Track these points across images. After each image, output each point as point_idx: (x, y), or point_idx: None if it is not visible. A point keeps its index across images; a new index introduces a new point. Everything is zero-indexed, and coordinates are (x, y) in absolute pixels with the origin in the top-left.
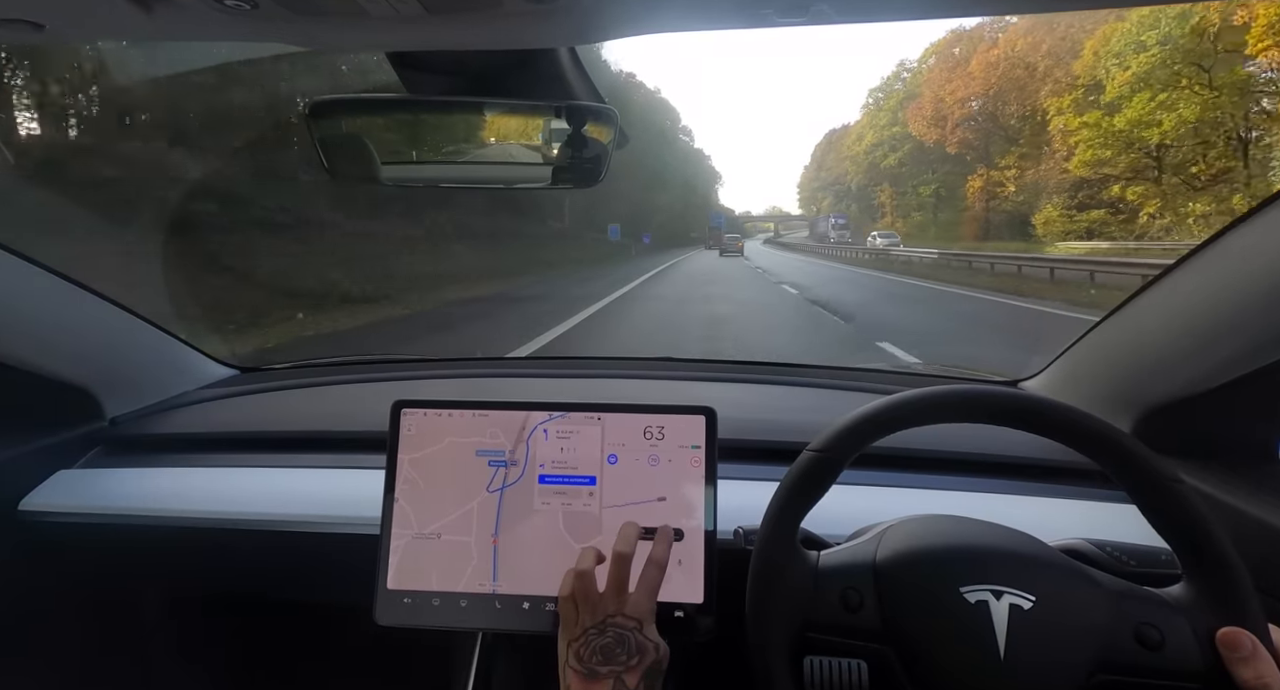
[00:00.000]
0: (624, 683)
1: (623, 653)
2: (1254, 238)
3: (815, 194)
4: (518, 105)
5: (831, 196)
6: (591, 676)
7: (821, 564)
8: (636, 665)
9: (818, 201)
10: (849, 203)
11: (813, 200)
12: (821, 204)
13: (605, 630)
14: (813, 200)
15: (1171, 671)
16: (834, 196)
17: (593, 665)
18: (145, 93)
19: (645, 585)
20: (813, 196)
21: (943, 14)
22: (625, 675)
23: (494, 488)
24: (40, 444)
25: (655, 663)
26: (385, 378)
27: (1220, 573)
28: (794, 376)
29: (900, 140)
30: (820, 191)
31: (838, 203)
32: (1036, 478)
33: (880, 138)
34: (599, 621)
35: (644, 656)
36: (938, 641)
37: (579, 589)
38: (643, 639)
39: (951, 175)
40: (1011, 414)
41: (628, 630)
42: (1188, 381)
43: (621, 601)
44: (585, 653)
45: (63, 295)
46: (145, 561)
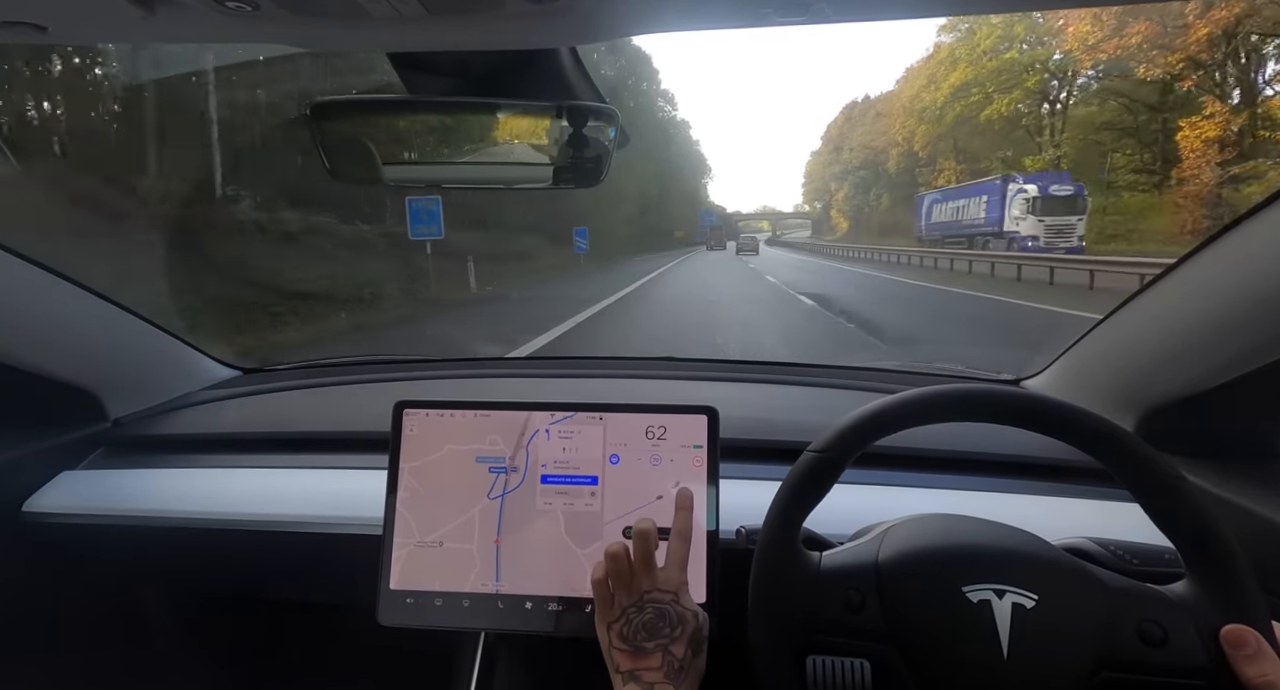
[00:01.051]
0: (672, 653)
1: (665, 625)
2: (1256, 235)
3: (828, 184)
4: (519, 105)
5: (852, 184)
6: (639, 652)
7: (824, 564)
8: (680, 635)
9: (830, 193)
10: (878, 192)
11: (823, 192)
12: (836, 195)
13: (644, 607)
14: (823, 192)
15: (1175, 669)
16: (855, 184)
17: (639, 642)
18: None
19: (674, 558)
20: (824, 187)
21: (943, 12)
22: (672, 646)
23: (494, 494)
24: (44, 445)
25: (697, 630)
26: (387, 378)
27: (1223, 570)
28: (795, 376)
29: (1015, 73)
30: (837, 179)
31: (859, 193)
32: (1039, 476)
33: (973, 76)
34: (636, 600)
35: (685, 626)
36: (940, 641)
37: (612, 569)
38: (682, 609)
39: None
40: (1013, 413)
41: (665, 603)
42: (1190, 379)
43: (653, 577)
44: (629, 631)
45: (65, 297)
46: (149, 562)
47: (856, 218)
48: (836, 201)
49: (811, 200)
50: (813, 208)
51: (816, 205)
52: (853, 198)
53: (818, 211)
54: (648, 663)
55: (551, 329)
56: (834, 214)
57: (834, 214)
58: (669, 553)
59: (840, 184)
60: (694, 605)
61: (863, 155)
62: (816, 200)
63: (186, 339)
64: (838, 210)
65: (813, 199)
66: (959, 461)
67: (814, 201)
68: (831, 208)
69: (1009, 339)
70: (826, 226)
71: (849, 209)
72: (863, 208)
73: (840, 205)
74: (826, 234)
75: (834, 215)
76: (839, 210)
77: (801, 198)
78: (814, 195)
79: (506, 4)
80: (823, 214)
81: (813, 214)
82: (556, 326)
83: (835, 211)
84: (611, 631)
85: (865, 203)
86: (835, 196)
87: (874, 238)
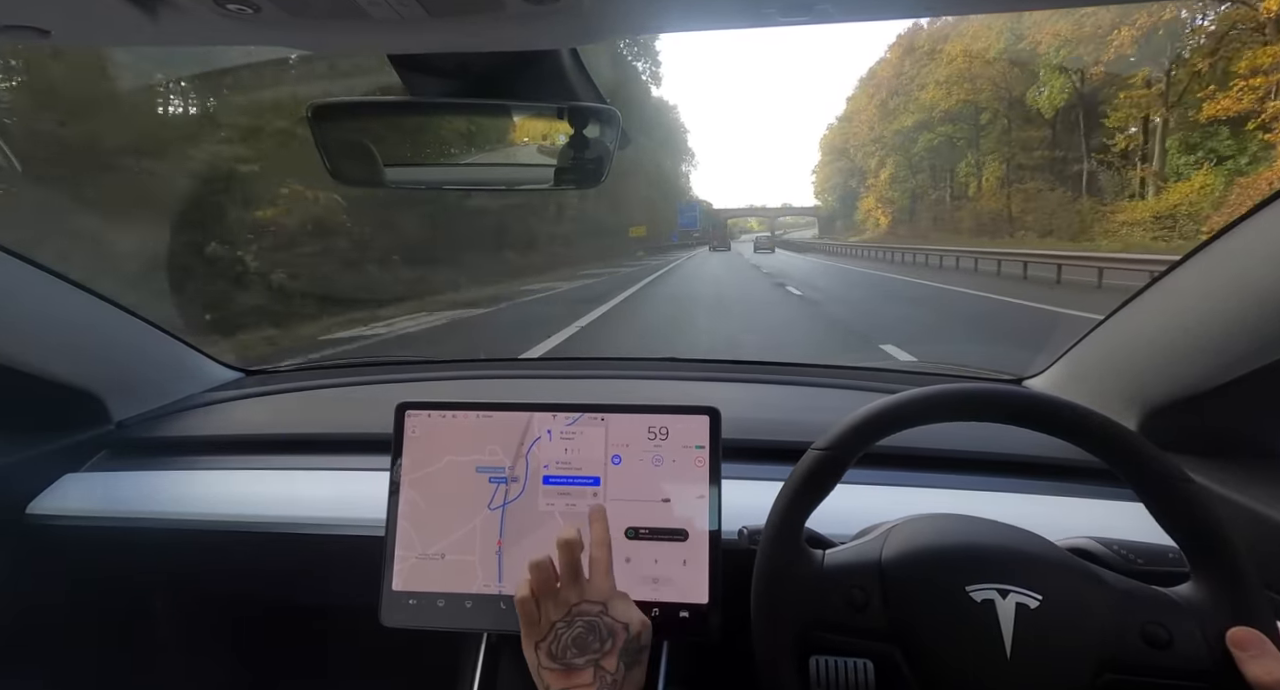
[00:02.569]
0: (604, 668)
1: (595, 640)
2: (1259, 233)
3: (859, 166)
4: (520, 107)
5: (906, 158)
6: (570, 670)
7: (827, 563)
8: (611, 648)
9: (866, 175)
10: (978, 159)
11: (842, 182)
12: (877, 175)
13: (572, 622)
14: (842, 182)
15: (1179, 671)
16: (929, 152)
17: (568, 659)
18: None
19: (598, 567)
20: (847, 171)
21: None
22: (603, 661)
23: (495, 505)
24: (47, 447)
25: (631, 640)
26: (389, 379)
27: (1228, 572)
28: (797, 376)
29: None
30: (880, 152)
31: (926, 168)
32: (1042, 476)
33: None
34: (564, 614)
35: (616, 638)
36: (944, 640)
37: (538, 582)
38: (611, 621)
39: None
40: (1017, 412)
41: (594, 615)
42: (1194, 378)
43: (580, 588)
44: (557, 649)
45: (67, 299)
46: (152, 564)
47: (917, 208)
48: (877, 185)
49: (826, 192)
50: (825, 203)
51: (831, 199)
52: (907, 179)
53: (833, 205)
54: (579, 680)
55: None
56: (867, 204)
57: (867, 204)
58: (592, 562)
59: (884, 158)
60: (627, 615)
61: (943, 103)
62: (832, 192)
63: (189, 341)
64: (876, 198)
65: (827, 190)
66: (962, 461)
67: (828, 194)
68: (864, 195)
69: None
70: (847, 224)
71: (900, 194)
72: (928, 192)
73: (883, 190)
74: (849, 233)
75: (867, 207)
76: (879, 199)
77: (813, 187)
78: (831, 186)
79: (506, 5)
80: (842, 207)
81: (824, 209)
82: None
83: (873, 200)
84: (540, 651)
85: (942, 181)
86: (876, 179)
87: (966, 239)
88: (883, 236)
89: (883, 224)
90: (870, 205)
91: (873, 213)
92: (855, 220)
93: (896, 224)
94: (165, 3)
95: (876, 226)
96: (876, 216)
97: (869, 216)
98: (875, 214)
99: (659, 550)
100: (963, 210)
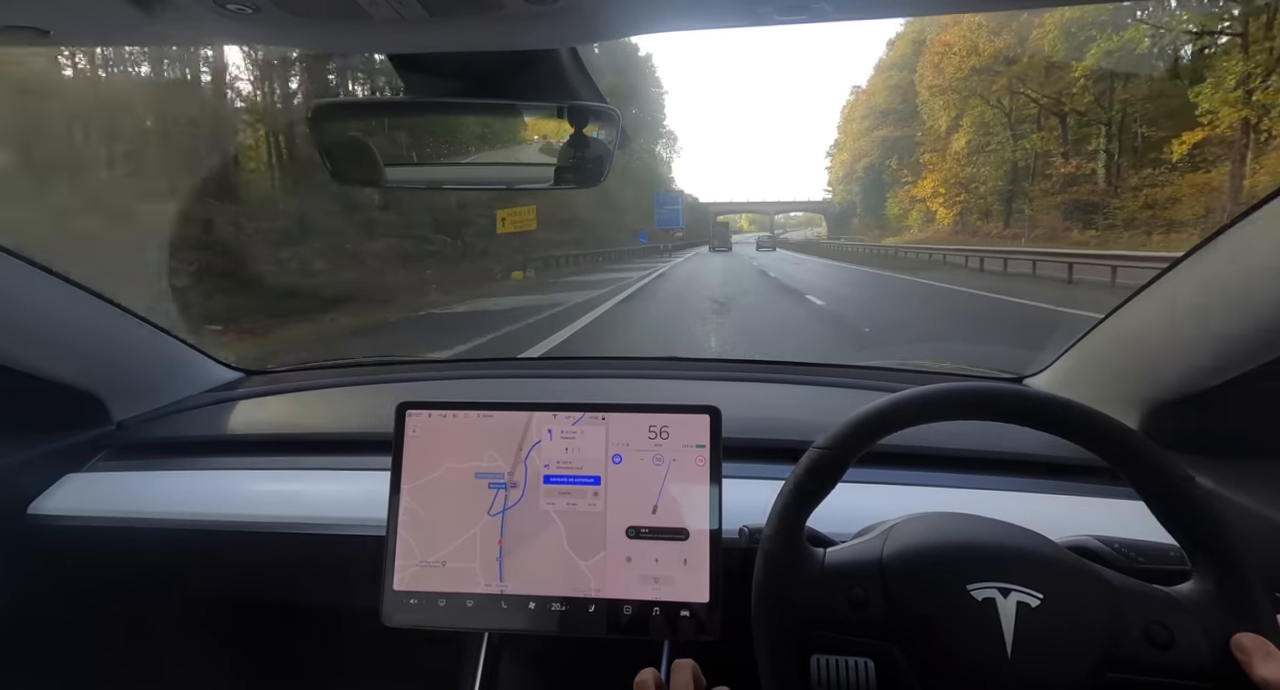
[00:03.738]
0: None
1: None
2: (1260, 231)
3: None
4: (520, 106)
5: (977, 121)
6: None
7: (827, 562)
8: None
9: (934, 144)
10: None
11: (869, 167)
12: (951, 146)
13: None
14: (869, 167)
15: (1180, 670)
16: (992, 119)
17: None
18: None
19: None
20: (874, 149)
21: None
22: None
23: (495, 511)
24: (48, 448)
25: None
26: (389, 380)
27: (1230, 571)
28: (798, 375)
29: None
30: (957, 108)
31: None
32: (1043, 475)
33: None
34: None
35: None
36: (945, 639)
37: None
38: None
39: None
40: (1017, 411)
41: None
42: (1195, 377)
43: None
44: None
45: (68, 300)
46: (153, 564)
47: (1013, 196)
48: (949, 160)
49: (849, 181)
50: (839, 195)
51: (851, 190)
52: (1000, 147)
53: (852, 198)
54: None
55: None
56: (923, 188)
57: (923, 188)
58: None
59: (957, 115)
60: None
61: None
62: (854, 182)
63: (189, 341)
64: (940, 181)
65: (850, 179)
66: (963, 460)
67: (849, 184)
68: (908, 182)
69: None
70: (870, 221)
71: (990, 170)
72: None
73: (952, 168)
74: (874, 232)
75: (921, 193)
76: (946, 181)
77: (829, 174)
78: (854, 172)
79: (506, 6)
80: (868, 199)
81: (838, 202)
82: None
83: (931, 183)
84: None
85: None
86: (949, 151)
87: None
88: (942, 237)
89: (941, 220)
90: (926, 190)
91: (926, 204)
92: (885, 216)
93: (965, 219)
94: (164, 2)
95: (929, 223)
96: (932, 209)
97: (914, 209)
98: (931, 204)
99: (659, 549)
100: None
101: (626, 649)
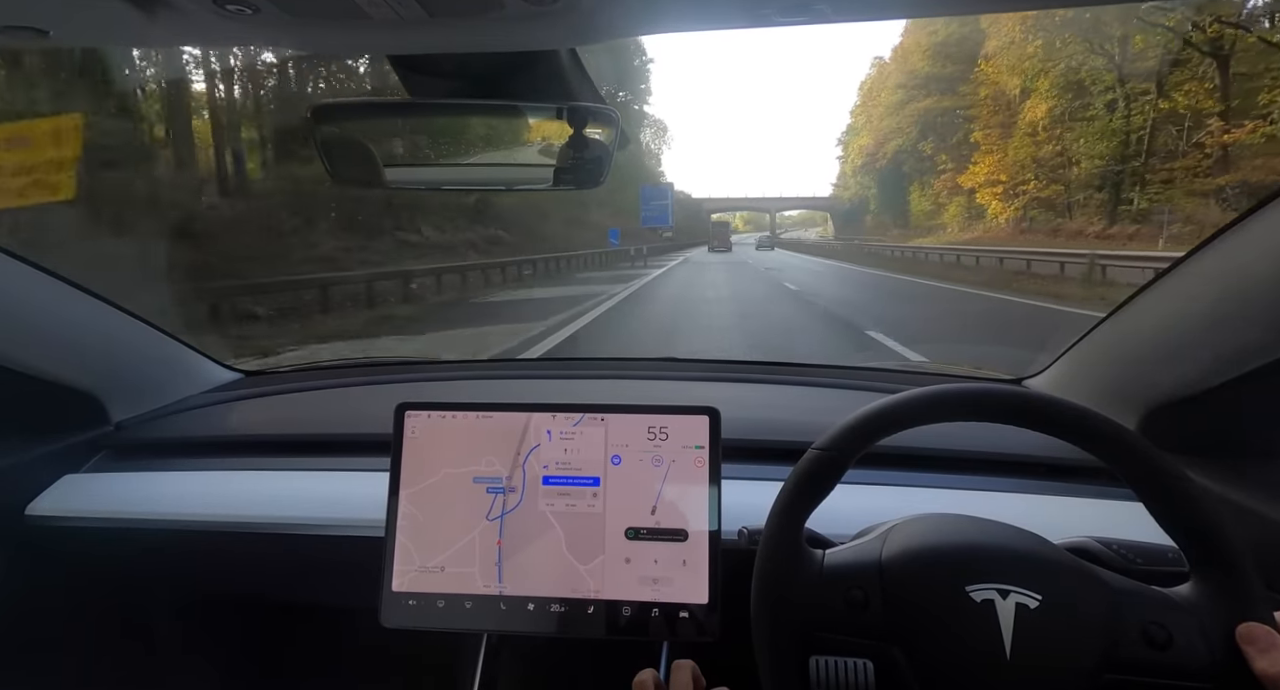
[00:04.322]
0: None
1: None
2: (1258, 233)
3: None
4: (519, 107)
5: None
6: None
7: (826, 563)
8: None
9: (1007, 117)
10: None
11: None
12: (1029, 111)
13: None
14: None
15: (1179, 670)
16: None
17: None
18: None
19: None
20: (901, 131)
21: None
22: None
23: (493, 516)
24: (46, 449)
25: None
26: (389, 380)
27: (1228, 571)
28: (797, 376)
29: None
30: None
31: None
32: (1042, 476)
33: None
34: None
35: None
36: (943, 640)
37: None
38: None
39: None
40: (1016, 412)
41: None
42: (1193, 378)
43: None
44: None
45: (66, 300)
46: (152, 565)
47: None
48: (1017, 137)
49: (860, 175)
50: (850, 189)
51: (865, 182)
52: (1098, 115)
53: (866, 192)
54: None
55: None
56: (974, 174)
57: (974, 174)
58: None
59: (1031, 86)
60: None
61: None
62: (866, 174)
63: (188, 342)
64: (997, 164)
65: (867, 172)
66: (962, 461)
67: (865, 176)
68: (981, 155)
69: None
70: (889, 219)
71: (1096, 140)
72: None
73: (1025, 147)
74: (892, 232)
75: (972, 180)
76: (1006, 167)
77: (842, 165)
78: (875, 161)
79: (506, 6)
80: (887, 194)
81: (848, 197)
82: None
83: (986, 167)
84: None
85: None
86: (1020, 124)
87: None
88: (997, 238)
89: (996, 215)
90: (979, 176)
91: (976, 196)
92: (907, 212)
93: (1038, 212)
94: (164, 3)
95: (973, 220)
96: (982, 202)
97: (952, 203)
98: (982, 196)
99: (659, 550)
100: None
101: (625, 650)
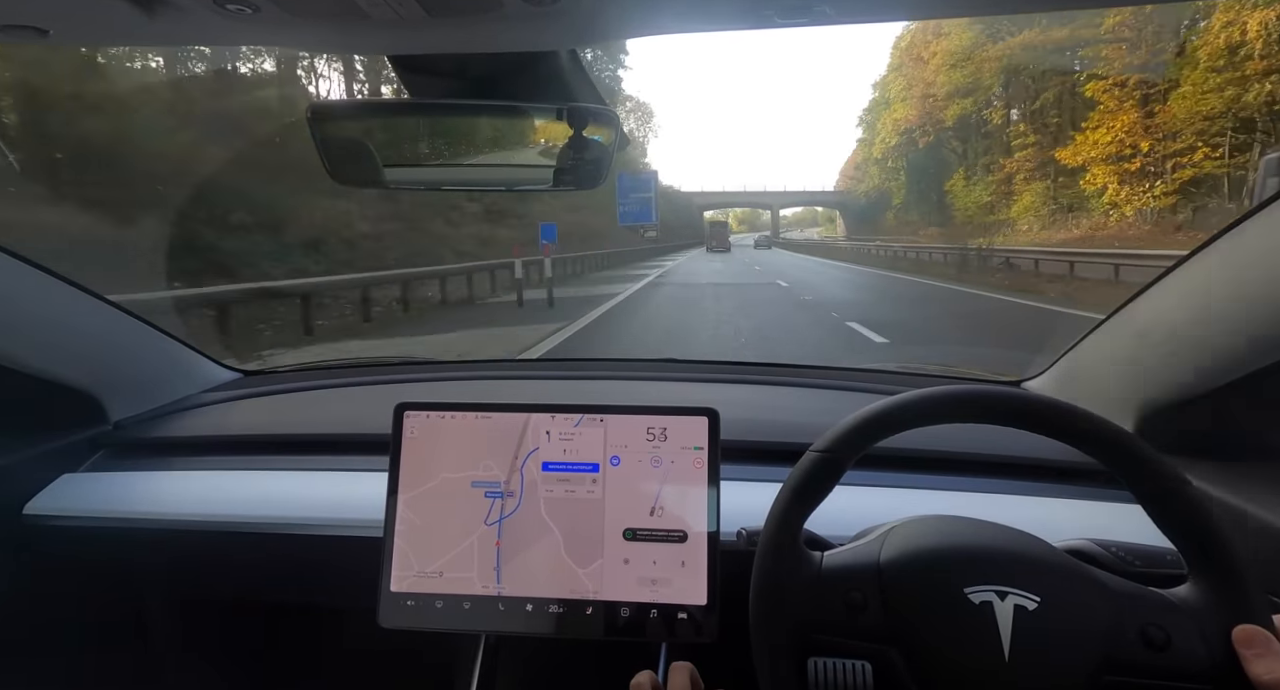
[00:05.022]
0: None
1: None
2: (1257, 235)
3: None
4: (519, 107)
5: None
6: None
7: (825, 565)
8: None
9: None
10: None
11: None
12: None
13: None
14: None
15: (1177, 672)
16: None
17: None
18: None
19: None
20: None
21: (943, 14)
22: None
23: (491, 520)
24: (45, 448)
25: None
26: (388, 380)
27: (1226, 574)
28: (796, 377)
29: None
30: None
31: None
32: (1040, 478)
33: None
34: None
35: None
36: (942, 642)
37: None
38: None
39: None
40: (1015, 414)
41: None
42: (1192, 380)
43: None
44: None
45: (66, 299)
46: (150, 565)
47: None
48: (1176, 95)
49: (884, 162)
50: (874, 176)
51: (892, 169)
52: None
53: (897, 185)
54: None
55: None
56: (1098, 137)
57: (1098, 137)
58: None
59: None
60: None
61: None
62: (893, 159)
63: (187, 341)
64: (1130, 130)
65: (897, 150)
66: (960, 463)
67: (888, 162)
68: (1099, 118)
69: None
70: (914, 216)
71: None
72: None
73: (1186, 104)
74: (918, 229)
75: (1083, 149)
76: (1139, 135)
77: (867, 151)
78: (907, 139)
79: (505, 6)
80: (919, 188)
81: (865, 193)
82: None
83: (1109, 131)
84: None
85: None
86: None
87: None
88: (1129, 239)
89: (1123, 210)
90: (1097, 146)
91: (1086, 177)
92: (948, 206)
93: (1187, 201)
94: (164, 3)
95: (1068, 214)
96: (1099, 185)
97: (1026, 192)
98: (1097, 177)
99: (657, 551)
100: None
101: (624, 651)
